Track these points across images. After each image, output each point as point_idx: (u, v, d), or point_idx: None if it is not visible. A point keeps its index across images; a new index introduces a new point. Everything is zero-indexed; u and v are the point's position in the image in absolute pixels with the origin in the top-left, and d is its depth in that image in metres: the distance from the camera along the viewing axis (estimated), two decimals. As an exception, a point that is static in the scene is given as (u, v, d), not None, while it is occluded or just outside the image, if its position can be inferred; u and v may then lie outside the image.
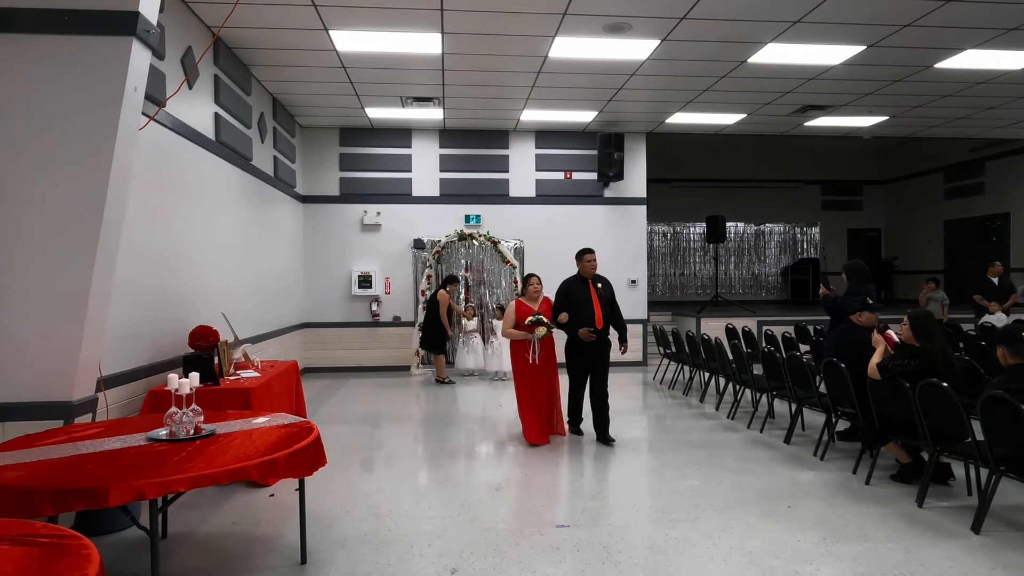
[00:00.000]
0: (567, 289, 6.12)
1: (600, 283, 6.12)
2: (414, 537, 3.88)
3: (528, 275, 6.28)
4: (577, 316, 5.93)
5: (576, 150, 10.78)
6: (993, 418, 3.82)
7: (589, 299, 5.99)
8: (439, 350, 9.40)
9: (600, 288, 6.08)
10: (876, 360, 4.69)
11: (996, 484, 3.93)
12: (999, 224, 13.35)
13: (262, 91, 8.13)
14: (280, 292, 8.80)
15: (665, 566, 3.49)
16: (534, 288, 6.10)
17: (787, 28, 6.35)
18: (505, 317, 6.15)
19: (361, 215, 10.52)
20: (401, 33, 6.44)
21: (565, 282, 6.19)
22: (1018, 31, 6.42)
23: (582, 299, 5.99)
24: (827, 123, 10.21)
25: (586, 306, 5.97)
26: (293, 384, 6.04)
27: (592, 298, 6.00)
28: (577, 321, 5.93)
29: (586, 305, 5.97)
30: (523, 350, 5.98)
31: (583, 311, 5.95)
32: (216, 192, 6.45)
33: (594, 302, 6.00)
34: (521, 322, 5.93)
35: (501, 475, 5.19)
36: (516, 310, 6.05)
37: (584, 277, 6.12)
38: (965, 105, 9.26)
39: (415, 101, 8.91)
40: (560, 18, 6.09)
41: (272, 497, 4.58)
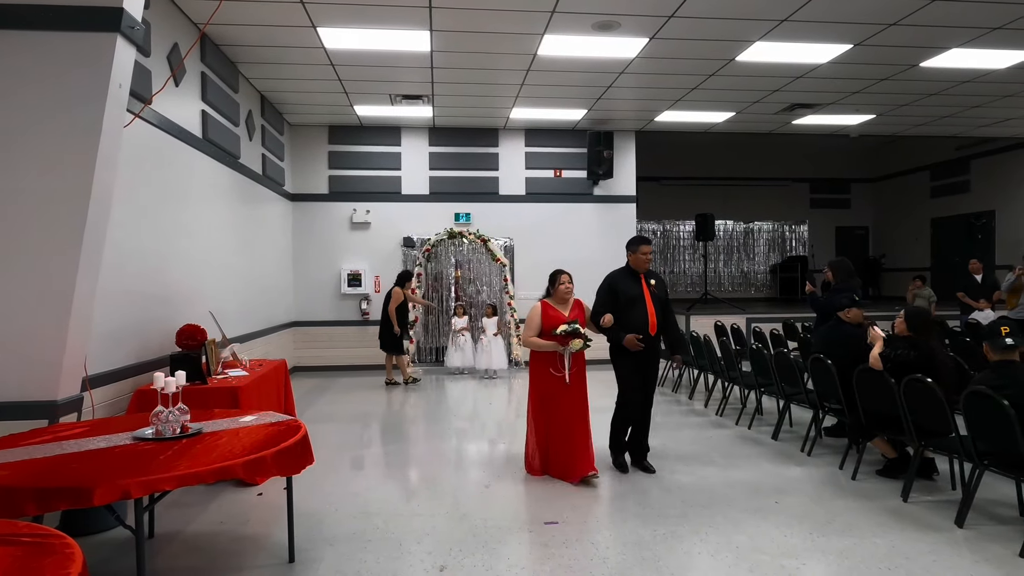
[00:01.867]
0: (614, 284, 5.01)
1: (653, 279, 5.09)
2: (403, 535, 3.88)
3: (557, 271, 5.01)
4: (625, 319, 4.86)
5: (566, 148, 10.80)
6: (976, 413, 3.87)
7: (641, 298, 4.94)
8: (400, 350, 9.07)
9: (653, 286, 5.05)
10: (878, 350, 4.71)
11: (979, 478, 3.98)
12: (984, 222, 13.48)
13: (250, 89, 8.09)
14: (269, 291, 8.76)
15: (653, 562, 3.51)
16: (565, 288, 4.91)
17: (774, 27, 6.39)
18: (527, 322, 4.95)
19: (350, 213, 10.49)
20: (390, 31, 6.42)
21: (612, 276, 5.13)
22: (1002, 30, 6.48)
23: (633, 297, 4.92)
24: (815, 121, 10.27)
25: (638, 306, 4.91)
26: (282, 383, 6.02)
27: (645, 297, 4.96)
28: (625, 324, 4.85)
29: (638, 305, 4.91)
30: (547, 364, 4.84)
31: (633, 312, 4.89)
32: (204, 190, 6.41)
33: (647, 302, 4.95)
34: (548, 330, 4.76)
35: (490, 473, 5.20)
36: (542, 314, 4.88)
37: (636, 271, 5.07)
38: (950, 104, 9.34)
39: (404, 99, 8.89)
40: (549, 16, 6.09)
41: (260, 496, 4.56)
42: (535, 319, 4.91)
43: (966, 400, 3.89)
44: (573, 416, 4.83)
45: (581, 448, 4.81)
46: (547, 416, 4.89)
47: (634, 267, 5.08)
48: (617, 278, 5.08)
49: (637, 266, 5.07)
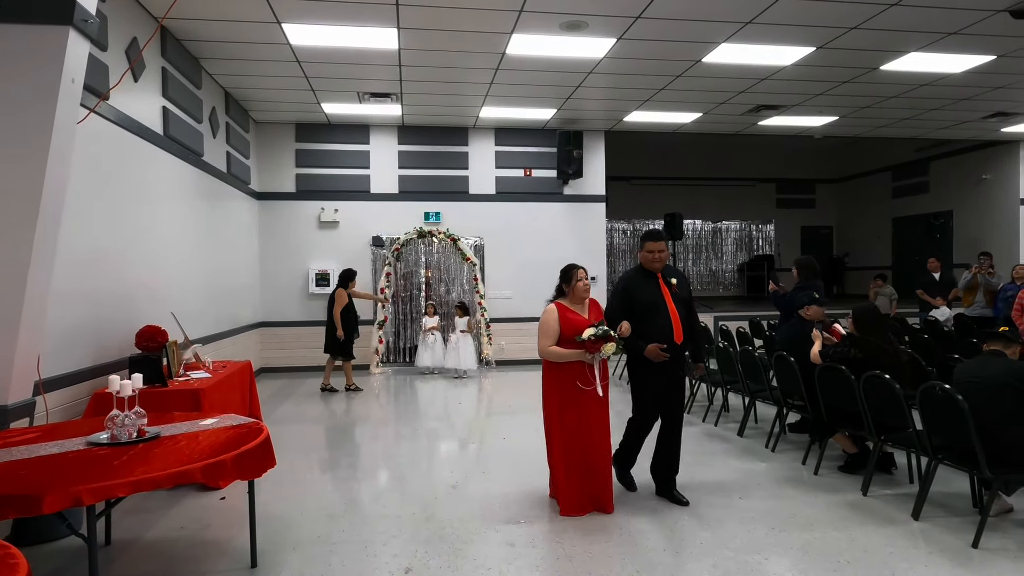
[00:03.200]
0: (629, 287, 4.37)
1: (675, 278, 4.43)
2: (369, 537, 3.84)
3: (571, 266, 4.28)
4: (644, 327, 4.19)
5: (536, 147, 10.81)
6: (931, 409, 3.97)
7: (662, 301, 4.28)
8: (346, 355, 8.58)
9: (675, 286, 4.38)
10: (817, 348, 4.87)
11: (934, 471, 4.08)
12: (943, 221, 13.86)
13: (214, 85, 7.93)
14: (235, 291, 8.61)
15: (619, 559, 3.53)
16: (584, 286, 4.22)
17: (740, 28, 6.47)
18: (542, 329, 4.17)
19: (318, 212, 10.37)
20: (356, 28, 6.35)
21: (626, 277, 4.53)
22: (957, 35, 6.66)
23: (651, 302, 4.28)
24: (780, 123, 10.44)
25: (660, 311, 4.26)
26: (246, 384, 5.91)
27: (666, 300, 4.29)
28: (646, 333, 4.18)
29: (660, 310, 4.26)
30: (570, 377, 4.12)
31: (655, 319, 4.24)
32: (165, 188, 6.27)
33: (669, 306, 4.27)
34: (568, 336, 4.08)
35: (459, 473, 5.18)
36: (560, 318, 4.13)
37: (651, 271, 4.40)
38: (910, 106, 9.57)
39: (372, 97, 8.81)
40: (517, 15, 6.08)
41: (223, 500, 4.48)
42: (552, 325, 4.13)
43: (921, 396, 3.99)
44: (600, 435, 4.19)
45: (606, 476, 4.23)
46: (573, 439, 4.15)
47: (647, 267, 4.39)
48: (631, 280, 4.41)
49: (648, 266, 4.38)
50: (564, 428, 4.16)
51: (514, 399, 8.36)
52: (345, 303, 8.44)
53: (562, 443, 4.17)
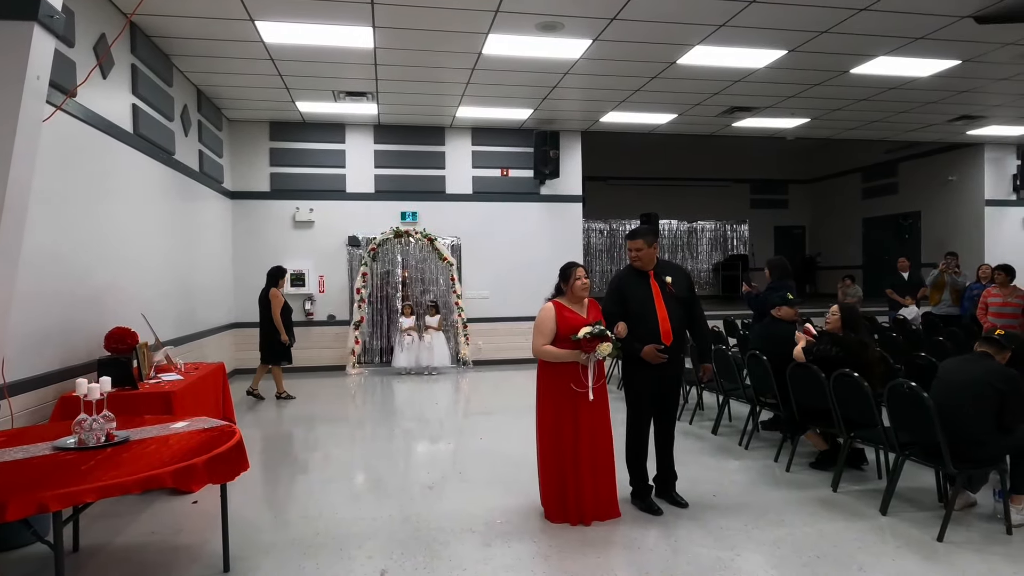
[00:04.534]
0: (622, 286, 4.27)
1: (670, 275, 4.27)
2: (344, 539, 3.82)
3: (570, 264, 4.16)
4: (634, 326, 4.05)
5: (513, 147, 10.82)
6: (898, 406, 4.05)
7: (650, 301, 4.16)
8: (278, 359, 8.05)
9: (670, 284, 4.23)
10: (801, 346, 4.93)
11: (901, 467, 4.17)
12: (911, 222, 14.15)
13: (185, 82, 7.81)
14: (208, 291, 8.48)
15: (594, 557, 3.55)
16: (582, 284, 4.06)
17: (713, 31, 6.54)
18: (537, 327, 4.02)
19: (293, 212, 10.26)
20: (331, 26, 6.29)
21: (619, 276, 4.42)
22: (924, 40, 6.80)
23: (642, 301, 4.16)
24: (753, 124, 10.58)
25: (647, 311, 4.14)
26: (219, 386, 5.84)
27: (654, 300, 4.17)
28: (634, 333, 4.06)
29: (647, 310, 4.14)
30: (563, 378, 3.97)
31: (642, 319, 4.12)
32: (135, 187, 6.15)
33: (657, 306, 4.16)
34: (565, 335, 3.94)
35: (435, 474, 5.17)
36: (556, 317, 3.99)
37: (643, 270, 4.26)
38: (879, 109, 9.76)
39: (348, 96, 8.74)
40: (493, 15, 6.08)
41: (195, 504, 4.41)
42: (548, 323, 4.00)
43: (889, 393, 4.08)
44: (597, 442, 4.02)
45: (607, 483, 4.05)
46: (565, 444, 3.98)
47: (639, 266, 4.28)
48: (624, 278, 4.30)
49: (635, 264, 4.29)
50: (559, 432, 3.98)
51: (491, 399, 8.37)
52: (282, 303, 7.99)
53: (554, 447, 4.01)
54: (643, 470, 4.31)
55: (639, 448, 4.30)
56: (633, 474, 4.32)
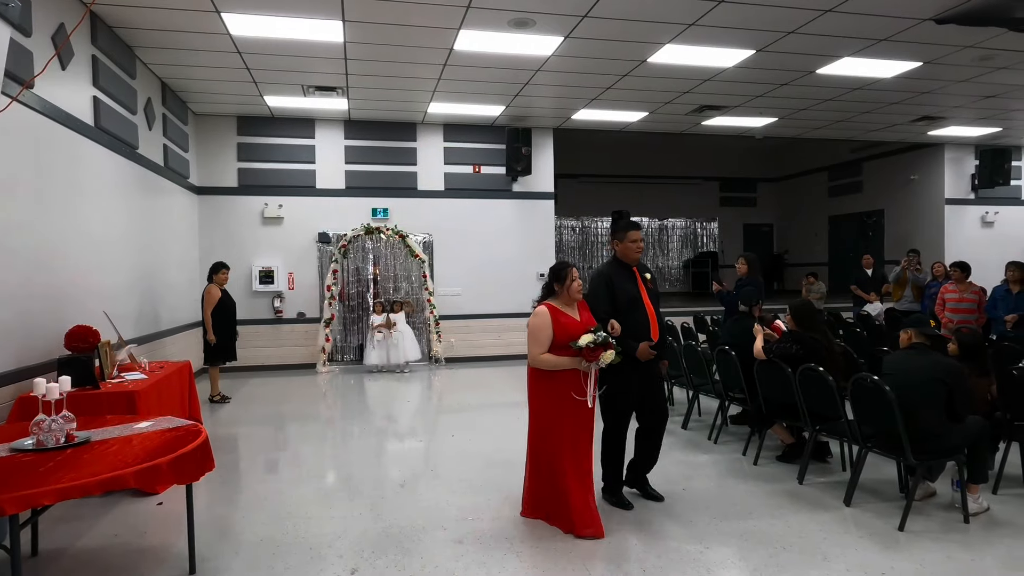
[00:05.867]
0: (611, 283, 4.08)
1: (648, 274, 4.26)
2: (314, 539, 3.77)
3: (563, 264, 3.92)
4: (623, 323, 3.91)
5: (485, 144, 10.80)
6: (861, 399, 4.14)
7: (639, 296, 4.09)
8: (214, 359, 7.74)
9: (649, 281, 4.20)
10: (759, 344, 5.03)
11: (864, 459, 4.27)
12: (875, 220, 14.48)
13: (149, 75, 7.63)
14: (173, 288, 8.30)
15: (565, 554, 3.57)
16: (579, 287, 3.88)
17: (683, 30, 6.60)
18: (533, 334, 3.79)
19: (262, 208, 10.10)
20: (300, 19, 6.20)
21: (605, 271, 4.19)
22: (887, 42, 6.96)
23: (631, 296, 4.06)
24: (722, 123, 10.71)
25: (637, 307, 4.05)
26: (185, 385, 5.74)
27: (642, 295, 4.10)
28: (630, 331, 3.94)
29: (637, 306, 4.06)
30: (563, 386, 3.76)
31: (632, 315, 4.01)
32: (96, 182, 5.99)
33: (645, 302, 4.10)
34: (562, 341, 3.71)
35: (406, 471, 5.14)
36: (552, 323, 3.75)
37: (628, 264, 4.19)
38: (844, 109, 9.96)
39: (317, 90, 8.63)
40: (464, 11, 6.05)
41: (160, 505, 4.33)
42: (544, 331, 3.74)
43: (852, 387, 4.17)
44: (584, 450, 3.87)
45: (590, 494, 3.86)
46: (553, 450, 3.84)
47: (623, 259, 4.17)
48: (612, 275, 4.12)
49: (627, 257, 4.16)
50: (561, 444, 3.78)
51: (463, 397, 8.35)
52: (217, 300, 7.68)
53: (549, 455, 3.82)
54: (620, 468, 4.27)
55: (618, 447, 4.22)
56: (608, 471, 4.26)
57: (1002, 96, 9.20)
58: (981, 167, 12.57)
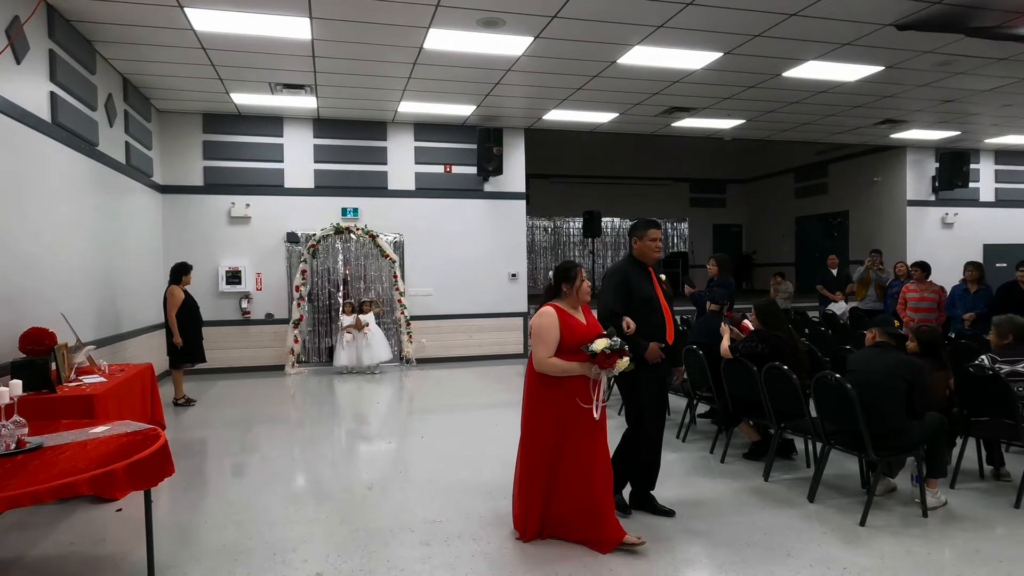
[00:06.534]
0: (628, 280, 3.92)
1: (663, 275, 4.15)
2: (278, 544, 3.71)
3: (570, 264, 3.71)
4: (640, 324, 3.76)
5: (456, 144, 10.76)
6: (823, 397, 4.22)
7: (655, 297, 3.96)
8: (178, 362, 7.57)
9: (664, 282, 4.10)
10: (726, 343, 5.09)
11: (827, 456, 4.35)
12: (840, 221, 14.77)
13: (110, 70, 7.44)
14: (136, 289, 8.11)
15: (533, 554, 3.56)
16: (587, 288, 3.68)
17: (652, 32, 6.65)
18: (539, 337, 3.53)
19: (228, 207, 9.92)
20: (266, 15, 6.10)
21: (621, 269, 4.03)
22: (850, 46, 7.09)
23: (649, 297, 3.92)
24: (692, 124, 10.82)
25: (653, 308, 3.91)
26: (147, 388, 5.61)
27: (658, 296, 3.98)
28: (644, 332, 3.81)
29: (653, 307, 3.92)
30: (571, 393, 3.52)
31: (649, 316, 3.86)
32: (53, 180, 5.82)
33: (662, 303, 3.98)
34: (570, 345, 3.49)
35: (375, 473, 5.09)
36: (561, 325, 3.52)
37: (645, 264, 4.06)
38: (809, 112, 10.13)
39: (285, 88, 8.51)
40: (433, 9, 6.02)
41: (119, 512, 4.21)
42: (552, 332, 3.49)
43: (815, 385, 4.24)
44: (595, 460, 3.58)
45: (606, 504, 3.60)
46: (557, 462, 3.58)
47: (640, 259, 4.01)
48: (629, 272, 3.95)
49: (645, 257, 4.00)
50: (545, 446, 3.57)
51: (434, 398, 8.31)
52: (181, 302, 7.50)
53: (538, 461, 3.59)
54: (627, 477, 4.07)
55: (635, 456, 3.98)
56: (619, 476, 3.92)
57: (960, 100, 9.46)
58: (941, 170, 12.89)
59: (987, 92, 9.00)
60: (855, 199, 14.31)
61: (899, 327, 4.67)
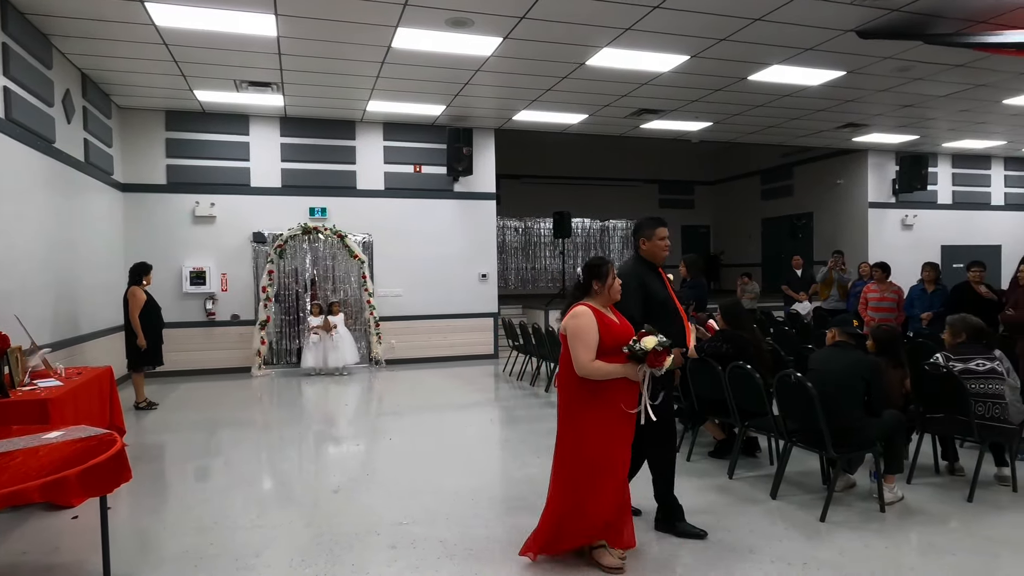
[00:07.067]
0: (643, 283, 3.69)
1: (671, 276, 4.00)
2: (240, 549, 3.65)
3: (601, 260, 3.45)
4: (666, 333, 3.31)
5: (425, 144, 10.70)
6: (785, 395, 4.29)
7: (670, 299, 3.79)
8: (138, 365, 7.38)
9: (672, 283, 3.94)
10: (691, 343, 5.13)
11: (789, 453, 4.43)
12: (804, 222, 15.06)
13: (67, 65, 7.24)
14: (95, 290, 7.90)
15: (499, 554, 3.56)
16: (619, 286, 3.43)
17: (620, 34, 6.70)
18: (577, 337, 3.26)
19: (193, 206, 9.73)
20: (229, 11, 6.00)
21: (635, 271, 3.76)
22: (813, 51, 7.24)
23: (665, 300, 3.74)
24: (660, 126, 10.93)
25: (670, 311, 3.73)
26: (106, 392, 5.46)
27: (672, 299, 3.82)
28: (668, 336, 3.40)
29: (669, 309, 3.73)
30: (616, 398, 3.30)
31: (666, 320, 3.62)
32: (8, 178, 5.65)
33: (677, 305, 3.83)
34: (610, 346, 3.26)
35: (341, 476, 5.04)
36: (600, 326, 3.27)
37: (654, 265, 3.86)
38: (774, 115, 10.32)
39: (251, 85, 8.37)
40: (401, 8, 5.98)
41: (75, 519, 4.10)
42: (592, 333, 3.24)
43: (777, 384, 4.31)
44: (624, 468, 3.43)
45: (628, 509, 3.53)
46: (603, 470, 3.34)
47: (650, 259, 3.82)
48: (643, 275, 3.70)
49: (655, 257, 3.82)
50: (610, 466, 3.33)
51: (403, 399, 8.25)
52: (143, 303, 7.28)
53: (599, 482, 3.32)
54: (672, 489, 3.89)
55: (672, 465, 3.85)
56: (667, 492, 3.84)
57: (919, 105, 9.72)
58: (901, 172, 13.24)
59: (944, 97, 9.26)
60: (819, 201, 14.61)
61: (859, 327, 4.77)
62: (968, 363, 4.49)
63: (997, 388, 4.37)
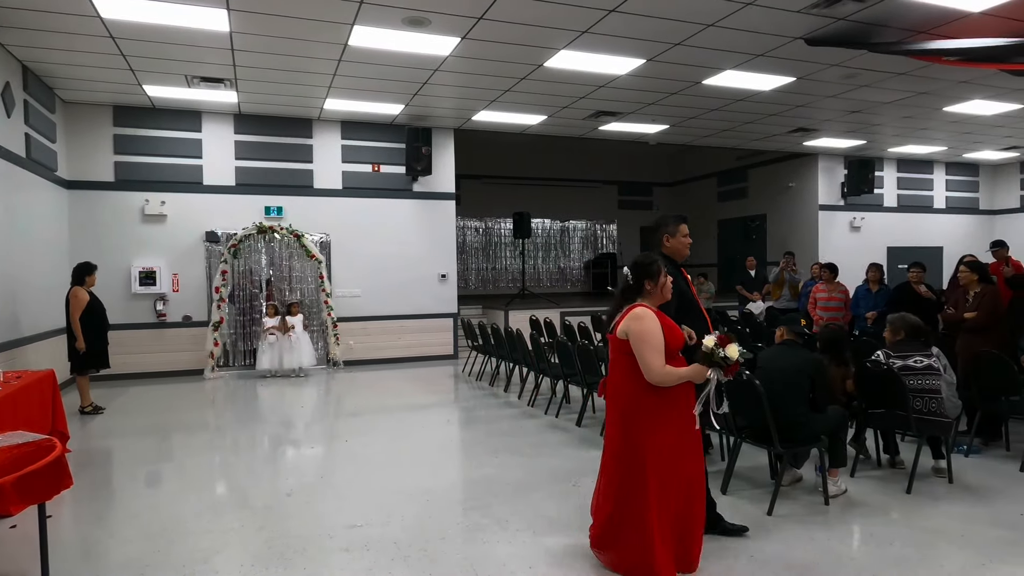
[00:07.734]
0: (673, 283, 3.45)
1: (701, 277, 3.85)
2: (188, 556, 3.57)
3: (651, 258, 3.29)
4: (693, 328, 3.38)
5: (384, 143, 10.62)
6: (736, 393, 4.38)
7: (694, 299, 3.69)
8: (82, 368, 7.14)
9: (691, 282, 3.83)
10: None
11: (739, 449, 4.53)
12: (758, 224, 15.43)
13: (7, 57, 6.96)
14: (37, 291, 7.61)
15: (453, 555, 3.56)
16: (670, 284, 3.29)
17: (577, 37, 6.76)
18: (645, 340, 3.06)
19: (142, 204, 9.46)
20: (179, 5, 5.85)
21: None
22: (764, 57, 7.43)
23: (690, 300, 3.63)
24: (618, 128, 11.07)
25: (694, 312, 3.59)
26: (48, 396, 5.28)
27: (695, 298, 3.71)
28: None
29: (693, 309, 3.60)
30: (680, 405, 3.18)
31: (691, 321, 3.46)
32: (-60, 173, 5.41)
33: (700, 305, 3.73)
34: (673, 352, 3.14)
35: (295, 480, 4.97)
36: (664, 328, 3.13)
37: (676, 262, 3.72)
38: (728, 119, 10.54)
39: (203, 81, 8.18)
40: (357, 6, 5.92)
41: (14, 528, 3.95)
42: (659, 336, 3.07)
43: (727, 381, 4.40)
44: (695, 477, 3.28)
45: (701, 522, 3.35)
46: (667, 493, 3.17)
47: (673, 256, 3.71)
48: (671, 272, 3.44)
49: (678, 254, 3.72)
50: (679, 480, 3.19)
51: (360, 400, 8.18)
52: (85, 304, 7.07)
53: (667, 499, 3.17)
54: None
55: None
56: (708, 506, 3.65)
57: (865, 111, 10.06)
58: (849, 176, 13.68)
59: (888, 104, 9.61)
60: (772, 203, 14.98)
61: (807, 326, 4.92)
62: (907, 360, 4.67)
63: (934, 384, 4.56)
